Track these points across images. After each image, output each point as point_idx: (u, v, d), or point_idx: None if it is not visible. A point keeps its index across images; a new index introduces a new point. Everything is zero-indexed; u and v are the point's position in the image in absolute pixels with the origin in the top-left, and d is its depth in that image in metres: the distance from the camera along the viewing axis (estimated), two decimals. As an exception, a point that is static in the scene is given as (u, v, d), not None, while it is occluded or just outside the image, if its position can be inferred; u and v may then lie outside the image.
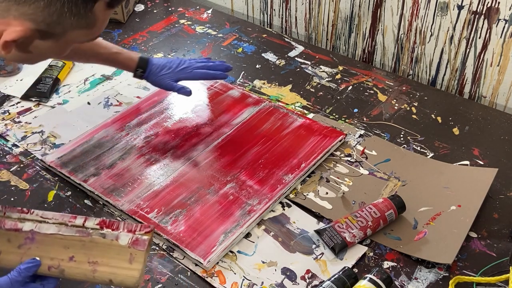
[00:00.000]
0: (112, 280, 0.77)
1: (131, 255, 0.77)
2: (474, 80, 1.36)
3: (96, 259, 0.78)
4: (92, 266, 0.78)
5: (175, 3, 1.70)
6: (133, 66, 1.17)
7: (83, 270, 0.78)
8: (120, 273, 0.77)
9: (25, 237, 0.79)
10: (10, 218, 0.80)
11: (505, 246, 0.97)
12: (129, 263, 0.77)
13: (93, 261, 0.78)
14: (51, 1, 0.71)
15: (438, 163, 1.13)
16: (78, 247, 0.78)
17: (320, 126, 1.21)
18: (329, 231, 0.97)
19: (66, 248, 0.78)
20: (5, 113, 1.25)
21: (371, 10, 1.43)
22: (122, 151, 1.14)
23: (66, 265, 0.78)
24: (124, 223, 0.79)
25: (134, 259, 0.77)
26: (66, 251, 0.78)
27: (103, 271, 0.77)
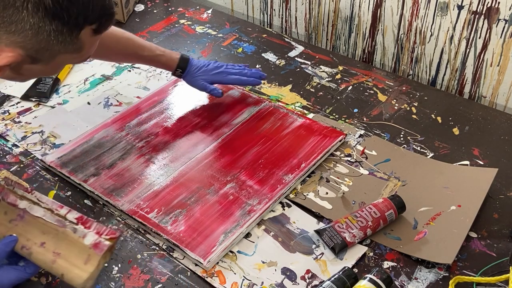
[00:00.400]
0: (64, 275, 0.82)
1: (88, 256, 0.82)
2: (474, 80, 1.36)
3: (61, 251, 0.83)
4: (55, 256, 0.83)
5: (175, 3, 1.71)
6: (173, 66, 1.22)
7: (46, 257, 0.83)
8: (72, 271, 0.82)
9: (17, 213, 0.86)
10: (15, 193, 0.87)
11: (505, 246, 0.97)
12: (83, 263, 0.82)
13: (57, 252, 0.83)
14: (38, 31, 0.75)
15: (438, 163, 1.13)
16: (52, 235, 0.84)
17: (320, 126, 1.21)
18: (329, 231, 0.97)
19: (43, 233, 0.84)
20: (5, 113, 1.25)
21: (371, 10, 1.43)
22: (122, 151, 1.14)
23: (35, 249, 0.83)
24: (96, 224, 0.85)
25: (89, 261, 0.82)
26: (41, 236, 0.84)
27: (60, 264, 0.83)
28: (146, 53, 1.20)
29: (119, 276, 0.92)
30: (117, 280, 0.91)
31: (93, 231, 0.85)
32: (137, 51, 1.20)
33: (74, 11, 0.76)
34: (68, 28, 0.77)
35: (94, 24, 0.80)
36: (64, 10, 0.75)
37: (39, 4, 0.74)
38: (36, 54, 0.79)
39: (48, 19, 0.75)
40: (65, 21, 0.76)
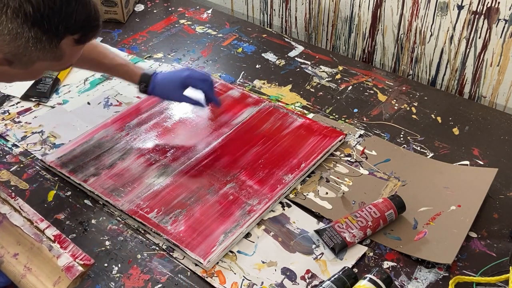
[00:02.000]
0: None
1: (58, 278, 0.81)
2: (474, 80, 1.36)
3: (32, 266, 0.82)
4: (25, 271, 0.82)
5: (175, 3, 1.70)
6: (135, 79, 1.17)
7: (16, 270, 0.82)
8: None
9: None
10: None
11: (505, 246, 0.97)
12: (52, 285, 0.81)
13: (28, 267, 0.82)
14: (16, 36, 0.75)
15: (438, 163, 1.13)
16: (26, 248, 0.83)
17: (320, 126, 1.21)
18: (329, 231, 0.97)
19: (18, 244, 0.84)
20: (5, 113, 1.25)
21: (371, 10, 1.43)
22: (122, 151, 1.14)
23: (7, 259, 0.83)
24: (73, 246, 0.84)
25: (59, 283, 0.81)
26: (16, 247, 0.83)
27: (29, 280, 0.81)
28: (107, 61, 1.15)
29: (119, 276, 0.92)
30: (117, 280, 0.91)
31: (69, 253, 0.83)
32: (98, 57, 1.14)
33: (55, 20, 0.75)
34: (48, 37, 0.76)
35: (76, 34, 0.79)
36: (44, 18, 0.74)
37: (19, 10, 0.73)
38: (13, 58, 0.78)
39: (27, 26, 0.74)
40: (45, 29, 0.75)
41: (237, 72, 1.40)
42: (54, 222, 1.00)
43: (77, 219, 1.01)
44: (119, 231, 0.99)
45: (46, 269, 0.82)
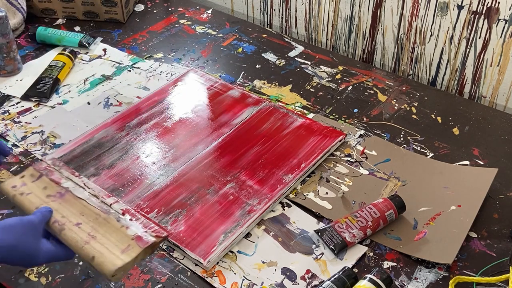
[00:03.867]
0: (95, 258, 0.75)
1: (127, 247, 0.76)
2: (474, 80, 1.36)
3: (97, 235, 0.77)
4: (88, 238, 0.77)
5: (175, 3, 1.70)
6: None
7: (78, 237, 0.77)
8: (105, 256, 0.75)
9: (58, 191, 0.83)
10: (61, 174, 0.86)
11: (505, 246, 0.97)
12: (120, 252, 0.75)
13: (92, 235, 0.77)
14: None
15: (438, 163, 1.13)
16: (91, 218, 0.80)
17: (320, 126, 1.21)
18: (329, 231, 0.97)
19: (82, 215, 0.80)
20: (5, 113, 1.25)
21: (371, 10, 1.43)
22: (122, 151, 1.14)
23: (68, 226, 0.78)
24: (143, 219, 0.80)
25: (128, 252, 0.75)
26: (79, 217, 0.80)
27: (93, 246, 0.76)
28: None
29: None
30: (117, 280, 0.91)
31: (139, 224, 0.79)
32: None
33: None
34: None
35: None
36: None
37: None
38: None
39: None
40: None
41: (237, 72, 1.40)
42: (54, 222, 1.00)
43: (77, 219, 1.01)
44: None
45: (113, 238, 0.77)
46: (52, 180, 0.85)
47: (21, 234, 0.73)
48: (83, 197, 0.83)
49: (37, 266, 0.86)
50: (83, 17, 1.59)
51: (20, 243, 0.73)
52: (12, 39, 1.33)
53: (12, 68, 1.36)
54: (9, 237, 0.72)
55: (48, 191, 0.83)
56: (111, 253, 0.75)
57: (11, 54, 1.34)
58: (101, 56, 1.45)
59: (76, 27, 1.57)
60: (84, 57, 1.44)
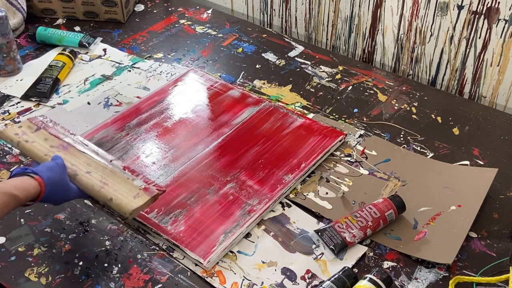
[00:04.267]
0: (113, 199, 0.86)
1: (137, 194, 0.87)
2: (474, 80, 1.36)
3: (108, 182, 0.88)
4: (102, 184, 0.88)
5: (175, 3, 1.70)
6: None
7: (93, 182, 0.88)
8: (122, 199, 0.86)
9: (60, 143, 0.92)
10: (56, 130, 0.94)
11: (505, 246, 0.97)
12: (133, 198, 0.87)
13: (104, 182, 0.88)
14: None
15: (438, 163, 1.13)
16: (99, 169, 0.89)
17: (320, 126, 1.21)
18: (329, 231, 0.97)
19: (88, 165, 0.90)
20: (5, 113, 1.25)
21: (371, 10, 1.43)
22: (122, 151, 1.14)
23: (81, 174, 0.88)
24: (143, 176, 0.92)
25: (139, 197, 0.87)
26: (86, 167, 0.89)
27: (109, 190, 0.87)
28: None
29: (119, 276, 0.92)
30: (117, 280, 0.91)
31: (141, 179, 0.90)
32: None
33: None
34: None
35: None
36: None
37: None
38: None
39: None
40: None
41: (237, 72, 1.40)
42: (54, 222, 1.00)
43: (77, 219, 1.01)
44: (119, 231, 0.99)
45: (123, 186, 0.88)
46: (51, 134, 0.92)
47: (60, 173, 0.87)
48: (85, 151, 0.91)
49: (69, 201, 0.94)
50: (83, 17, 1.59)
51: (61, 179, 0.87)
52: (12, 39, 1.33)
53: (12, 68, 1.36)
54: (54, 174, 0.86)
55: (50, 143, 0.91)
56: (125, 197, 0.87)
57: (11, 54, 1.34)
58: (101, 56, 1.45)
59: (76, 27, 1.57)
60: (84, 57, 1.44)
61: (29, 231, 0.99)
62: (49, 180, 0.85)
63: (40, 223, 1.00)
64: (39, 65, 1.39)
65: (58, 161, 0.89)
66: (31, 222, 1.00)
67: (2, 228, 0.99)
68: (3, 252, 0.95)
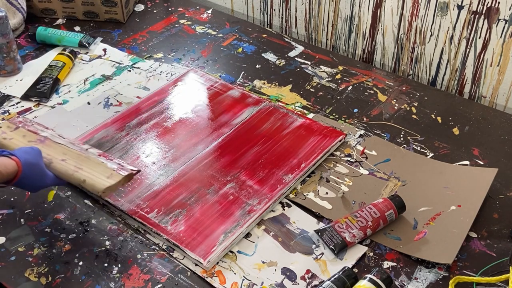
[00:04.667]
0: (86, 180, 0.91)
1: (111, 174, 0.93)
2: (474, 80, 1.36)
3: (82, 167, 0.93)
4: (76, 168, 0.92)
5: (175, 3, 1.70)
6: None
7: (67, 168, 0.92)
8: (95, 179, 0.91)
9: (38, 138, 0.97)
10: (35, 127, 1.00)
11: (505, 246, 0.97)
12: (106, 178, 0.92)
13: (78, 167, 0.93)
14: None
15: (438, 163, 1.13)
16: (74, 157, 0.95)
17: (320, 126, 1.21)
18: (329, 231, 0.97)
19: (64, 154, 0.95)
20: (5, 113, 1.25)
21: (371, 10, 1.43)
22: (122, 151, 1.14)
23: (56, 161, 0.93)
24: (117, 160, 0.98)
25: (112, 177, 0.92)
26: (63, 156, 0.94)
27: (82, 173, 0.92)
28: None
29: (119, 276, 0.92)
30: (117, 280, 0.91)
31: (116, 162, 0.96)
32: None
33: None
34: None
35: None
36: None
37: None
38: None
39: None
40: None
41: (237, 72, 1.40)
42: (54, 222, 1.00)
43: (77, 219, 1.01)
44: (119, 231, 0.99)
45: (97, 169, 0.93)
46: (30, 131, 0.99)
47: (35, 156, 0.90)
48: (62, 142, 0.97)
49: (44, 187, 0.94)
50: (83, 17, 1.59)
51: (37, 163, 0.89)
52: (12, 39, 1.33)
53: (12, 68, 1.36)
54: (30, 157, 0.88)
55: (28, 138, 0.97)
56: (98, 178, 0.92)
57: (11, 54, 1.34)
58: (101, 56, 1.45)
59: (76, 27, 1.57)
60: (84, 57, 1.44)
61: (29, 231, 0.99)
62: (26, 162, 0.87)
63: (40, 223, 1.00)
64: (39, 65, 1.39)
65: (33, 147, 0.92)
66: (31, 222, 1.00)
67: (2, 228, 0.99)
68: (3, 252, 0.95)
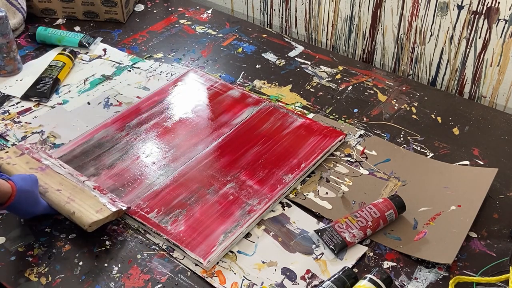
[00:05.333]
0: (75, 213, 0.94)
1: (101, 209, 0.96)
2: (474, 80, 1.36)
3: (75, 198, 0.97)
4: (69, 200, 0.96)
5: (175, 3, 1.70)
6: None
7: (60, 198, 0.96)
8: (84, 213, 0.94)
9: (39, 166, 1.02)
10: (39, 155, 1.06)
11: (505, 246, 0.97)
12: (95, 212, 0.95)
13: (71, 198, 0.97)
14: None
15: (438, 163, 1.13)
16: (69, 187, 0.99)
17: (320, 126, 1.21)
18: (329, 231, 0.97)
19: (61, 184, 0.99)
20: (5, 113, 1.25)
21: (371, 10, 1.43)
22: (122, 151, 1.14)
23: (51, 191, 0.97)
24: (110, 194, 1.01)
25: (101, 212, 0.95)
26: (59, 186, 0.99)
27: (73, 205, 0.95)
28: None
29: (119, 276, 0.92)
30: (117, 280, 0.91)
31: (108, 197, 0.99)
32: None
33: None
34: None
35: None
36: None
37: None
38: None
39: None
40: None
41: (237, 72, 1.40)
42: (54, 222, 1.00)
43: (77, 219, 1.01)
44: (119, 231, 0.99)
45: (88, 202, 0.96)
46: (33, 158, 1.04)
47: (31, 184, 0.93)
48: (61, 172, 1.02)
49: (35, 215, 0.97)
50: (83, 17, 1.59)
51: (32, 191, 0.93)
52: (12, 39, 1.33)
53: (12, 68, 1.36)
54: (26, 184, 0.92)
55: (31, 165, 1.02)
56: (87, 211, 0.95)
57: (11, 54, 1.34)
58: (101, 56, 1.45)
59: (76, 27, 1.57)
60: (84, 57, 1.44)
61: (29, 231, 0.99)
62: (20, 188, 0.90)
63: (40, 223, 1.00)
64: (39, 65, 1.39)
65: (31, 175, 0.95)
66: (31, 222, 1.00)
67: (2, 228, 0.99)
68: (3, 252, 0.95)
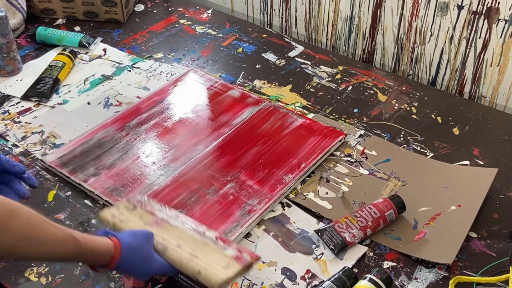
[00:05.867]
0: (201, 272, 0.82)
1: (228, 264, 0.83)
2: (474, 80, 1.36)
3: (198, 254, 0.84)
4: (191, 256, 0.84)
5: (175, 3, 1.70)
6: None
7: (181, 255, 0.84)
8: (210, 271, 0.82)
9: (154, 220, 0.90)
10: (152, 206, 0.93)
11: (505, 246, 0.97)
12: (223, 268, 0.82)
13: (194, 254, 0.84)
14: None
15: (438, 163, 1.13)
16: (190, 241, 0.87)
17: (320, 126, 1.21)
18: (329, 231, 0.97)
19: (180, 238, 0.87)
20: (5, 113, 1.25)
21: (371, 10, 1.43)
22: (122, 151, 1.14)
23: (170, 248, 0.85)
24: (236, 244, 0.88)
25: (229, 268, 0.83)
26: (178, 240, 0.87)
27: (197, 263, 0.83)
28: None
29: (119, 276, 0.92)
30: (117, 280, 0.91)
31: (234, 248, 0.86)
32: None
33: None
34: None
35: None
36: None
37: None
38: None
39: None
40: None
41: (237, 72, 1.40)
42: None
43: (77, 219, 1.01)
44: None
45: (213, 258, 0.84)
46: (147, 211, 0.92)
47: (142, 240, 0.83)
48: (178, 225, 0.89)
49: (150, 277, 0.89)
50: (83, 17, 1.59)
51: (142, 246, 0.82)
52: (12, 39, 1.33)
53: (12, 68, 1.36)
54: (135, 240, 0.82)
55: (145, 220, 0.90)
56: (214, 268, 0.82)
57: (11, 54, 1.34)
58: (101, 56, 1.45)
59: (76, 27, 1.57)
60: (84, 57, 1.44)
61: (29, 231, 0.98)
62: (127, 245, 0.80)
63: (40, 223, 1.00)
64: (39, 65, 1.39)
65: (144, 230, 0.86)
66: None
67: (2, 228, 0.99)
68: (3, 252, 0.95)
